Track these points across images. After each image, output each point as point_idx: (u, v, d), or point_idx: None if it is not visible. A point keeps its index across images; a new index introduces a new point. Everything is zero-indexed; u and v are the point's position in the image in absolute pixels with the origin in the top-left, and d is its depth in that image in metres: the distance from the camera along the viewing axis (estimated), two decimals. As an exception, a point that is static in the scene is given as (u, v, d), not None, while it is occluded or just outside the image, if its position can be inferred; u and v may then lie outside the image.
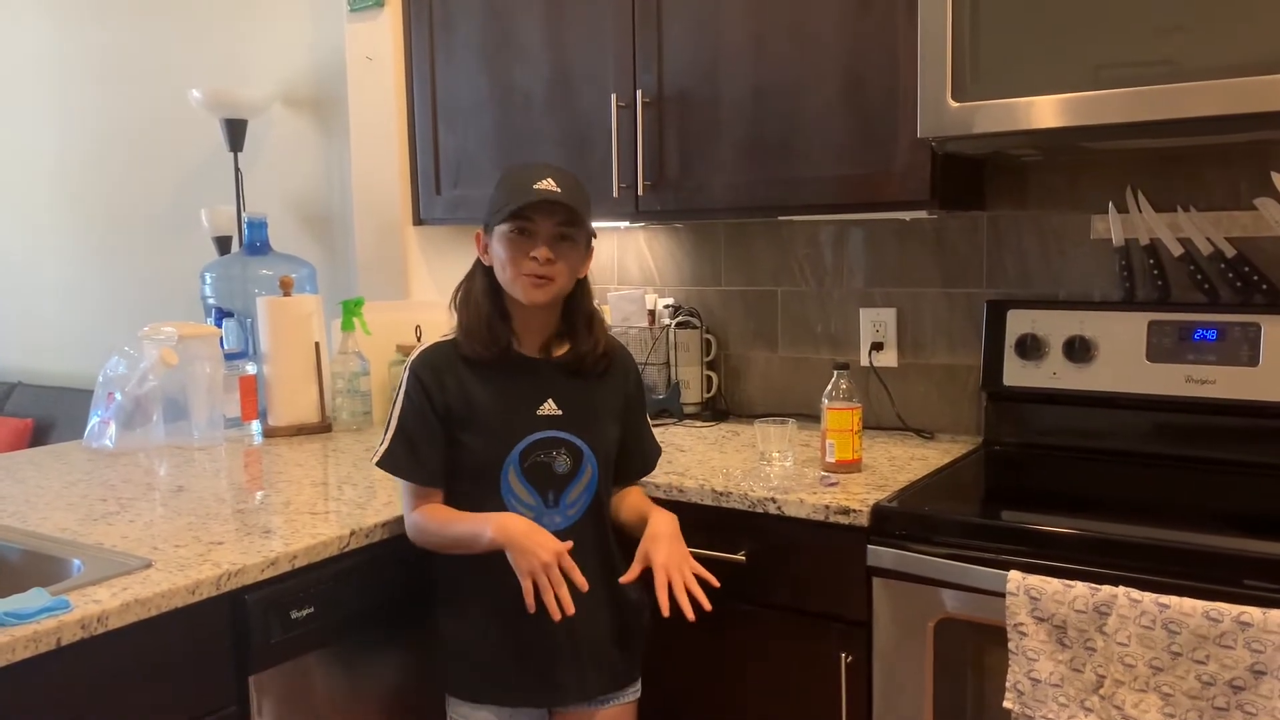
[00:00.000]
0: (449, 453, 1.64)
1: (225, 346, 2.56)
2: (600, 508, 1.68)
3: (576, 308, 1.70)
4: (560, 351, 1.69)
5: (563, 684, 1.65)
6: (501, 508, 1.62)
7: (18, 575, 1.57)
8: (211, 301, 2.74)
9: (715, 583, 1.60)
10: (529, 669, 1.63)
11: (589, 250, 1.68)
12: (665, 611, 1.55)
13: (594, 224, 1.69)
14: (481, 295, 1.66)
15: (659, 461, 1.85)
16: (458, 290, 1.70)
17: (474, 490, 1.63)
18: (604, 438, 1.69)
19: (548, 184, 1.58)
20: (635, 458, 1.79)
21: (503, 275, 1.63)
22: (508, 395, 1.65)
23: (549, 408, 1.65)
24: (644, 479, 1.85)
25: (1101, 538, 1.55)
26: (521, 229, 1.60)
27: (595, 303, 1.74)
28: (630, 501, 1.76)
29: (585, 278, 1.70)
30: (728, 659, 1.87)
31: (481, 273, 1.68)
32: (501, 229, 1.61)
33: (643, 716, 1.87)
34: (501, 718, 1.66)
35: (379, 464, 1.66)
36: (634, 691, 1.74)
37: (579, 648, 1.64)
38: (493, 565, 1.57)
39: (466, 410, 1.64)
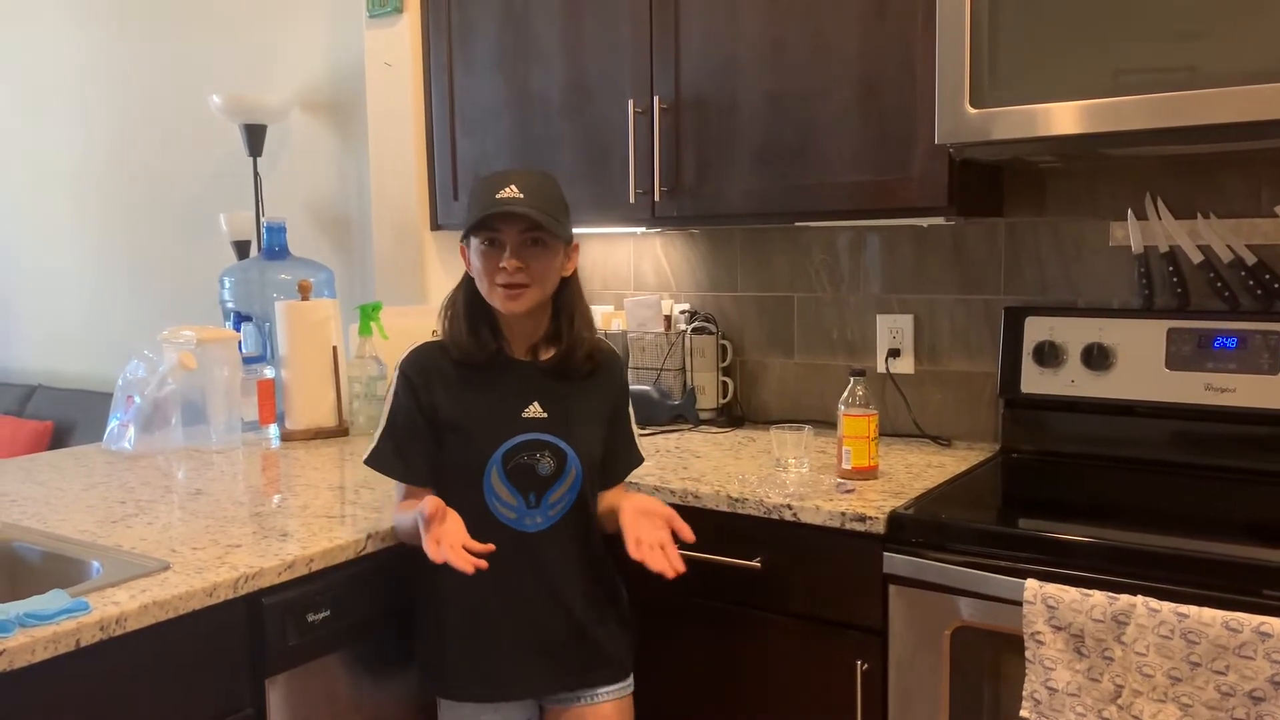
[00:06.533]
0: (436, 453, 1.66)
1: (243, 350, 2.57)
2: (584, 507, 1.68)
3: (562, 309, 1.70)
4: (548, 354, 1.70)
5: (542, 680, 1.65)
6: (484, 508, 1.63)
7: (37, 577, 1.58)
8: (230, 305, 2.75)
9: (689, 535, 1.58)
10: (506, 665, 1.64)
11: (570, 252, 1.68)
12: (662, 570, 1.52)
13: (611, 229, 1.69)
14: (465, 306, 1.68)
15: (664, 468, 1.83)
16: (447, 299, 1.71)
17: (457, 490, 1.64)
18: (589, 441, 1.69)
19: (510, 191, 1.58)
20: (617, 464, 1.78)
21: (481, 286, 1.64)
22: (493, 397, 1.66)
23: (534, 410, 1.65)
24: (641, 482, 1.84)
25: (1120, 546, 1.54)
26: (490, 240, 1.61)
27: (588, 304, 1.73)
28: (606, 500, 1.76)
29: (573, 276, 1.70)
30: (743, 665, 1.86)
31: (466, 283, 1.69)
32: (473, 241, 1.63)
33: (657, 722, 1.87)
34: (489, 713, 1.66)
35: (367, 462, 1.69)
36: (626, 686, 1.73)
37: (560, 644, 1.65)
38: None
39: (452, 411, 1.65)
